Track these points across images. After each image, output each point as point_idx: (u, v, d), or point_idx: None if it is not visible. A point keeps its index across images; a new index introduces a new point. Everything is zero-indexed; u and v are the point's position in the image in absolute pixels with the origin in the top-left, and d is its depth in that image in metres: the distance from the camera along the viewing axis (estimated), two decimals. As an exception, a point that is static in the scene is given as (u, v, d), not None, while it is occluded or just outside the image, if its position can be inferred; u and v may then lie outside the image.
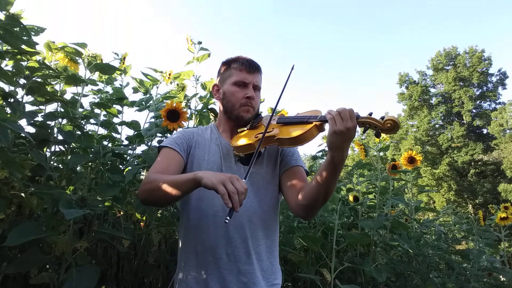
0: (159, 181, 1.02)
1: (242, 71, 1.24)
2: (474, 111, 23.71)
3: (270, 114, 1.21)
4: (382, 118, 0.97)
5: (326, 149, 2.53)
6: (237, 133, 1.26)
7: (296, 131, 1.09)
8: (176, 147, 1.20)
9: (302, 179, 1.20)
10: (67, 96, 1.79)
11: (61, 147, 1.74)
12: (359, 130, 1.01)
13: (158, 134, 1.96)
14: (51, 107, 1.72)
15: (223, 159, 1.21)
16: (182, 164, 1.19)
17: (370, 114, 0.99)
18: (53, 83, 1.70)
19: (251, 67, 1.25)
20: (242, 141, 1.18)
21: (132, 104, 2.13)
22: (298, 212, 1.15)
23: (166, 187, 1.00)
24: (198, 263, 1.13)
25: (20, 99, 1.53)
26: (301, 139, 1.08)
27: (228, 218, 0.88)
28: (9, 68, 1.55)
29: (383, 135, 1.06)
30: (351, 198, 2.59)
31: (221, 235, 1.11)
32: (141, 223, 1.98)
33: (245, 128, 1.25)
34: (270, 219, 1.21)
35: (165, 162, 1.16)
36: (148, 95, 2.18)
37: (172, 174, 1.13)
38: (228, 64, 1.29)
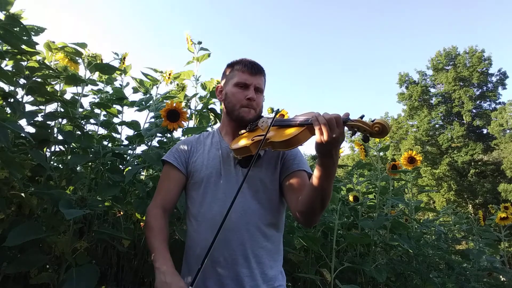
0: (148, 238, 1.16)
1: (245, 72, 1.25)
2: (474, 111, 23.71)
3: (269, 117, 1.21)
4: (372, 121, 0.93)
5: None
6: (238, 135, 1.26)
7: (288, 134, 1.08)
8: (174, 161, 1.27)
9: (304, 183, 1.18)
10: (67, 96, 1.79)
11: (61, 147, 1.74)
12: (348, 133, 0.97)
13: (158, 134, 1.96)
14: (51, 107, 1.72)
15: (223, 163, 1.24)
16: (182, 180, 1.27)
17: (362, 117, 0.95)
18: (53, 83, 1.69)
19: (254, 69, 1.26)
20: (240, 143, 1.19)
21: (132, 104, 2.13)
22: (299, 218, 1.15)
23: (148, 246, 1.16)
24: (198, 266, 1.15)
25: (20, 99, 1.53)
26: (293, 142, 1.07)
27: None
28: (9, 68, 1.54)
29: (374, 139, 1.01)
30: (351, 198, 2.59)
31: (218, 238, 1.11)
32: (141, 223, 1.97)
33: (245, 130, 1.25)
34: (270, 222, 1.20)
35: (167, 184, 1.26)
36: (148, 95, 2.18)
37: (175, 198, 1.26)
38: (231, 66, 1.31)
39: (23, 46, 1.44)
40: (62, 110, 1.70)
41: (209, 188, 1.20)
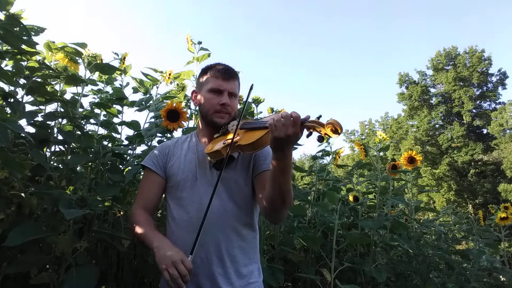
0: (137, 232, 1.18)
1: (218, 78, 1.27)
2: (474, 111, 23.71)
3: (237, 120, 1.21)
4: (328, 122, 0.94)
5: (326, 149, 2.54)
6: (213, 139, 1.29)
7: (253, 137, 1.09)
8: (153, 166, 1.30)
9: None
10: (67, 96, 1.79)
11: (61, 147, 1.74)
12: (305, 134, 0.99)
13: (158, 134, 1.96)
14: (51, 107, 1.72)
15: (198, 166, 1.27)
16: (162, 183, 1.30)
17: (319, 117, 0.96)
18: (53, 83, 1.69)
19: (226, 74, 1.28)
20: (213, 147, 1.21)
21: (132, 104, 2.13)
22: (264, 215, 1.20)
23: (141, 239, 1.18)
24: None
25: (20, 99, 1.53)
26: (259, 144, 1.09)
27: None
28: (9, 68, 1.54)
29: (333, 136, 1.01)
30: (351, 198, 2.59)
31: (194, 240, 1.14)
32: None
33: (218, 134, 1.27)
34: (246, 222, 1.24)
35: (147, 188, 1.30)
36: (148, 95, 2.18)
37: (155, 199, 1.30)
38: (205, 71, 1.33)
39: (23, 46, 1.44)
40: (62, 110, 1.70)
41: (185, 191, 1.24)
